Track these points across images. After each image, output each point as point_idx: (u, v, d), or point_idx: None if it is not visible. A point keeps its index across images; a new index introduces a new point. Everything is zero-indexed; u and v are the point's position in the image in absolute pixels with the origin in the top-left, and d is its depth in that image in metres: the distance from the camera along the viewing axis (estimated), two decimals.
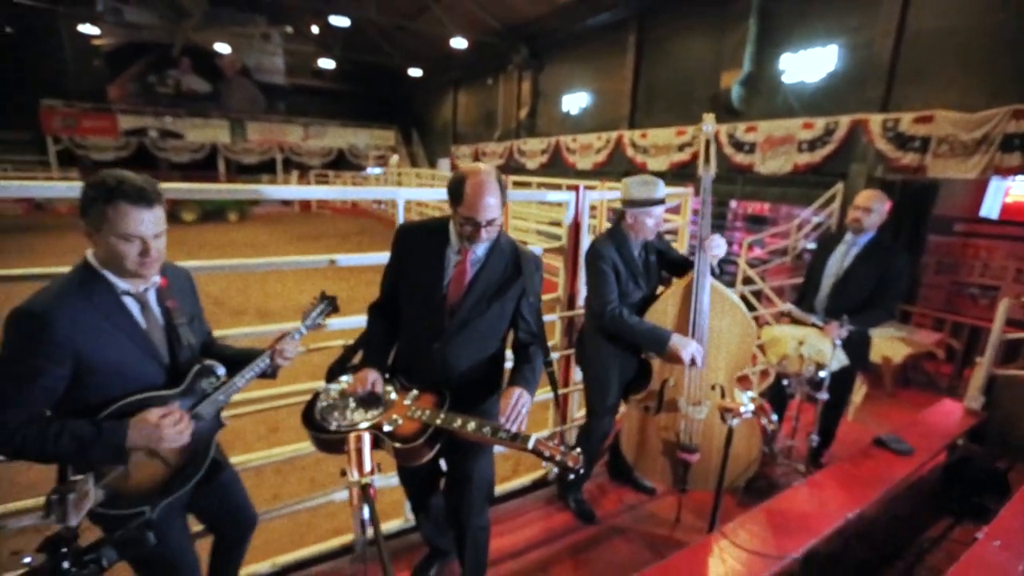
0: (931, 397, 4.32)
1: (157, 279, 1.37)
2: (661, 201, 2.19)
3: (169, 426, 1.29)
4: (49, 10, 14.90)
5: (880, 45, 6.38)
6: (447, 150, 18.85)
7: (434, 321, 1.61)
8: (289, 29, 18.94)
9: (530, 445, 1.35)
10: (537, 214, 8.81)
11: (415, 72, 18.58)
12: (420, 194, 4.85)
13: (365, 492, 0.99)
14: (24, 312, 1.19)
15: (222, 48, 17.49)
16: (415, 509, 2.03)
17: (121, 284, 1.30)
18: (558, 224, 7.47)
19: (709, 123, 2.25)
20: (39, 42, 15.88)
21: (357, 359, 1.72)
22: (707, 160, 2.24)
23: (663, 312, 2.26)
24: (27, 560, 0.78)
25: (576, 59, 12.48)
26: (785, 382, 2.74)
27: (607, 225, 2.91)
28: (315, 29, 18.53)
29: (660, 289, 2.41)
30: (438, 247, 1.62)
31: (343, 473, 1.07)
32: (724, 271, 2.28)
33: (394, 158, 21.79)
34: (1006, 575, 1.57)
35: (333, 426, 1.53)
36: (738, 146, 7.87)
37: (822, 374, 2.55)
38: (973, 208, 6.18)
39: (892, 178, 6.11)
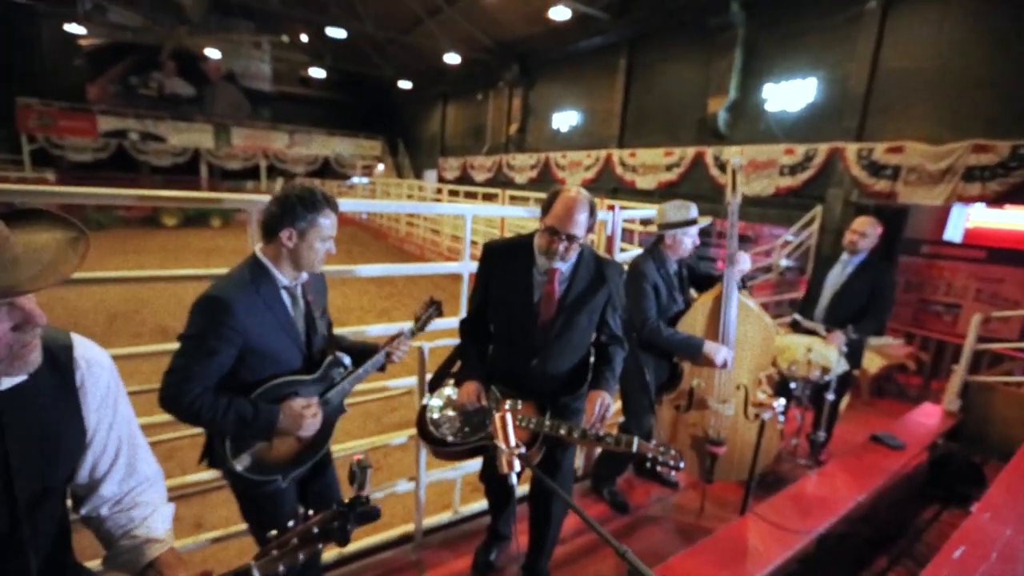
0: (903, 405, 4.70)
1: (304, 275, 1.56)
2: (695, 221, 2.48)
3: (309, 416, 1.49)
4: (28, 5, 14.58)
5: (855, 80, 6.94)
6: (434, 162, 19.04)
7: (529, 339, 1.75)
8: (285, 38, 18.91)
9: (634, 448, 1.51)
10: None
11: (405, 84, 18.79)
12: (487, 210, 5.22)
13: (521, 459, 1.22)
14: (212, 298, 1.37)
15: (212, 53, 17.35)
16: (493, 500, 2.25)
17: (282, 279, 1.49)
18: None
19: (737, 156, 2.56)
20: (15, 37, 15.46)
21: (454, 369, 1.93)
22: (734, 188, 2.55)
23: (694, 321, 2.55)
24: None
25: (567, 79, 12.89)
26: (793, 385, 3.05)
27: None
28: (304, 38, 18.58)
29: None
30: (524, 267, 1.74)
31: (494, 446, 1.29)
32: (744, 284, 2.60)
33: (379, 167, 21.86)
34: (996, 538, 1.91)
35: (451, 439, 1.74)
36: (723, 168, 8.37)
37: (827, 378, 2.88)
38: (938, 232, 6.76)
39: (866, 203, 6.63)
